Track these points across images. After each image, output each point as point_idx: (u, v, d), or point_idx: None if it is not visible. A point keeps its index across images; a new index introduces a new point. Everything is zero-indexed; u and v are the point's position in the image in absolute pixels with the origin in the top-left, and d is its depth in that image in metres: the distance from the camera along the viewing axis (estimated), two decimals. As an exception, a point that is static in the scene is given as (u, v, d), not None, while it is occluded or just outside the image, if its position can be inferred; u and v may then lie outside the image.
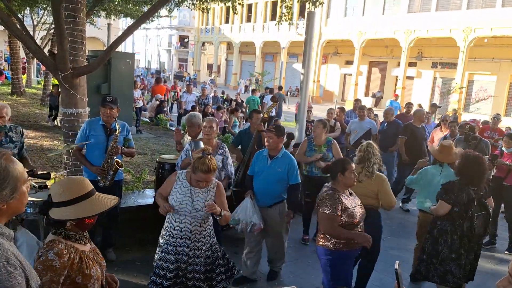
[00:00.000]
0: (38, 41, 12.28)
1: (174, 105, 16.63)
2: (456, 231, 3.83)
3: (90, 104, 6.37)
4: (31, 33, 10.75)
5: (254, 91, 16.25)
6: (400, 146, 7.67)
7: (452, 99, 23.38)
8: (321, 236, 3.49)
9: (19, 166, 1.60)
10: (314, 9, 8.50)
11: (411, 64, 26.59)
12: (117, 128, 4.29)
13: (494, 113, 9.29)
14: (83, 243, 2.05)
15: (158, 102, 14.36)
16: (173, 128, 13.03)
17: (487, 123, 9.61)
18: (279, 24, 10.26)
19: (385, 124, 8.17)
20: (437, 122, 11.68)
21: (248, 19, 38.05)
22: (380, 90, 30.27)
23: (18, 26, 6.96)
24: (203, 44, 44.95)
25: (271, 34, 34.78)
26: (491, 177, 6.19)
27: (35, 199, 3.84)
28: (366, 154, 4.14)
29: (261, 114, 5.61)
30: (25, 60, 20.30)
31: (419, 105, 14.83)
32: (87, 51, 6.99)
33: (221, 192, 3.34)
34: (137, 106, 12.46)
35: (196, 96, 13.68)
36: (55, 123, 11.25)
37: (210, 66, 46.07)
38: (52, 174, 5.21)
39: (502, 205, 6.25)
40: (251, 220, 4.24)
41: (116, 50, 6.75)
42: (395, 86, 27.08)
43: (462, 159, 3.97)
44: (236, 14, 12.67)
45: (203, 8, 10.63)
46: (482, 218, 3.85)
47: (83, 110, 5.98)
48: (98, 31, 23.05)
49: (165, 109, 14.90)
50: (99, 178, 4.28)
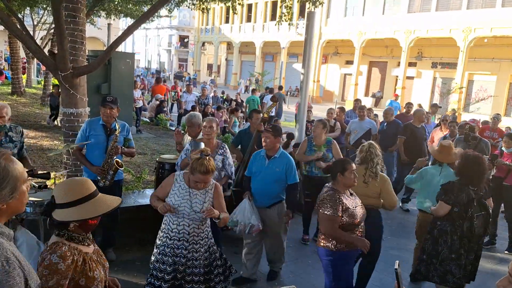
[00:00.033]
0: (38, 41, 12.28)
1: (174, 105, 16.62)
2: (456, 232, 3.83)
3: (90, 104, 6.37)
4: (31, 33, 10.75)
5: (254, 91, 16.24)
6: (399, 146, 7.68)
7: (452, 99, 23.37)
8: (322, 237, 3.47)
9: (18, 166, 1.60)
10: (314, 9, 8.50)
11: (411, 64, 26.58)
12: (117, 128, 4.30)
13: (494, 113, 9.28)
14: (87, 244, 2.05)
15: (158, 102, 14.36)
16: (173, 128, 13.03)
17: (487, 123, 9.61)
18: (279, 24, 10.26)
19: (385, 124, 8.17)
20: (437, 122, 11.68)
21: (248, 19, 38.05)
22: (380, 90, 30.27)
23: (18, 26, 6.96)
24: (203, 44, 44.94)
25: (271, 34, 34.78)
26: (491, 177, 6.19)
27: (35, 199, 3.84)
28: (368, 155, 4.12)
29: (261, 114, 5.61)
30: (25, 60, 20.31)
31: (419, 105, 14.83)
32: (87, 51, 6.99)
33: (219, 193, 3.32)
34: (137, 106, 12.46)
35: (196, 96, 13.68)
36: (55, 123, 11.24)
37: (210, 66, 46.05)
38: (52, 174, 5.21)
39: (502, 205, 6.26)
40: (249, 221, 4.20)
41: (116, 50, 6.76)
42: (395, 86, 27.08)
43: (462, 159, 3.96)
44: (236, 14, 12.67)
45: (203, 8, 10.62)
46: (482, 218, 3.84)
47: (83, 110, 5.98)
48: (98, 31, 23.06)
49: (165, 109, 14.91)
50: (99, 178, 4.29)
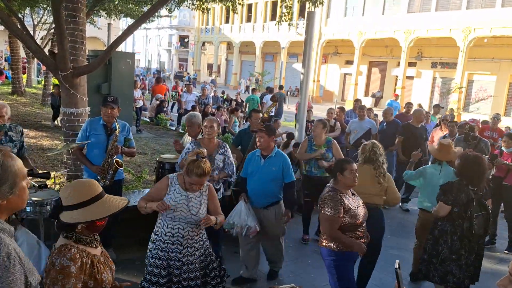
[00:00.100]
0: (39, 41, 12.28)
1: (175, 105, 16.63)
2: (456, 232, 3.82)
3: (90, 103, 6.38)
4: (32, 33, 10.76)
5: (254, 90, 16.24)
6: (397, 146, 7.68)
7: (452, 99, 23.38)
8: (324, 237, 3.47)
9: (17, 162, 1.61)
10: (314, 9, 8.50)
11: (411, 64, 26.59)
12: (117, 127, 4.30)
13: (494, 113, 9.29)
14: (94, 246, 2.05)
15: (158, 102, 14.37)
16: (173, 128, 13.04)
17: (486, 123, 9.61)
18: (279, 24, 10.26)
19: (384, 124, 8.18)
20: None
21: (248, 19, 38.05)
22: (380, 90, 30.27)
23: (19, 25, 6.98)
24: (203, 44, 44.95)
25: (271, 34, 34.79)
26: (491, 177, 6.19)
27: (35, 198, 3.84)
28: (372, 155, 4.13)
29: (261, 114, 5.62)
30: (25, 60, 20.30)
31: (419, 105, 14.83)
32: (87, 51, 7.00)
33: (213, 194, 3.33)
34: (137, 106, 12.47)
35: (196, 96, 13.69)
36: (56, 123, 11.23)
37: (210, 66, 46.07)
38: (52, 174, 5.22)
39: (502, 204, 6.26)
40: (246, 223, 4.14)
41: (116, 50, 6.76)
42: (395, 86, 27.10)
43: (462, 160, 3.95)
44: (236, 13, 12.66)
45: (203, 8, 10.62)
46: (482, 218, 3.82)
47: (83, 110, 6.00)
48: (99, 31, 23.06)
49: (165, 108, 14.92)
50: (99, 177, 4.29)
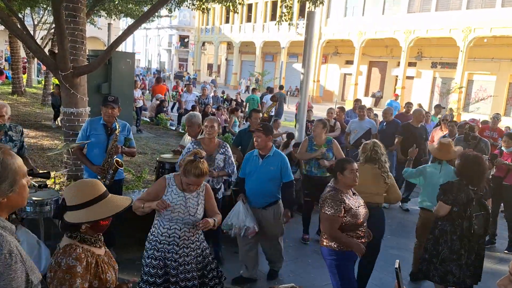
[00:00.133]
0: (39, 41, 12.28)
1: (175, 105, 16.63)
2: (456, 231, 3.82)
3: (91, 103, 6.38)
4: (32, 32, 10.76)
5: (254, 90, 16.24)
6: (396, 146, 7.68)
7: (452, 99, 23.39)
8: (325, 236, 3.47)
9: (17, 160, 1.61)
10: (314, 9, 8.50)
11: (410, 64, 26.59)
12: (117, 127, 4.31)
13: (494, 113, 9.29)
14: (98, 246, 2.06)
15: (158, 102, 14.38)
16: (173, 128, 13.04)
17: (486, 123, 9.61)
18: (279, 24, 10.26)
19: (384, 123, 8.18)
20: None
21: (248, 19, 38.06)
22: (380, 90, 30.27)
23: (19, 25, 6.98)
24: (203, 44, 44.96)
25: (271, 34, 34.79)
26: (491, 177, 6.19)
27: (36, 198, 3.85)
28: (374, 154, 4.14)
29: (261, 114, 5.62)
30: (25, 60, 20.31)
31: (419, 105, 14.83)
32: (87, 51, 7.00)
33: (210, 194, 3.33)
34: (137, 106, 12.47)
35: (196, 96, 13.69)
36: (56, 122, 11.23)
37: (210, 66, 46.08)
38: (52, 174, 5.22)
39: (502, 204, 6.26)
40: (244, 224, 4.12)
41: (117, 49, 6.77)
42: (395, 86, 27.10)
43: (462, 159, 3.95)
44: (237, 13, 12.67)
45: (203, 8, 10.62)
46: (481, 218, 3.82)
47: (83, 110, 6.00)
48: (99, 31, 23.08)
49: (165, 108, 14.92)
50: (99, 177, 4.30)
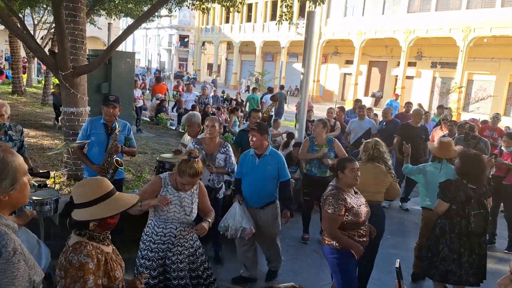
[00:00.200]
0: (39, 41, 12.29)
1: (176, 104, 16.62)
2: (454, 229, 3.83)
3: (91, 103, 6.38)
4: (32, 32, 10.79)
5: (254, 89, 16.24)
6: (394, 145, 7.69)
7: (452, 98, 23.39)
8: (326, 234, 3.48)
9: (18, 158, 1.62)
10: (315, 8, 8.50)
11: (410, 64, 26.59)
12: (117, 127, 4.31)
13: (494, 113, 9.29)
14: (106, 244, 2.07)
15: (158, 102, 14.38)
16: (173, 128, 13.04)
17: (486, 123, 9.62)
18: (279, 23, 10.26)
19: (384, 123, 8.18)
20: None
21: (248, 19, 38.06)
22: (380, 90, 30.27)
23: (19, 25, 6.98)
24: (203, 43, 44.96)
25: (271, 34, 34.80)
26: (490, 176, 6.19)
27: (35, 197, 3.85)
28: (376, 152, 4.14)
29: (260, 113, 5.62)
30: (25, 59, 20.33)
31: (419, 105, 14.82)
32: (87, 51, 7.00)
33: (204, 192, 3.35)
34: (137, 105, 12.48)
35: (196, 96, 13.69)
36: (57, 123, 11.21)
37: (210, 66, 46.09)
38: (52, 173, 5.22)
39: (502, 204, 6.26)
40: (240, 225, 4.08)
41: (117, 49, 6.77)
42: (395, 86, 27.10)
43: (461, 158, 3.96)
44: (238, 12, 12.67)
45: (203, 8, 10.62)
46: (480, 216, 3.82)
47: (83, 109, 6.00)
48: (99, 30, 23.07)
49: (165, 108, 14.93)
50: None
